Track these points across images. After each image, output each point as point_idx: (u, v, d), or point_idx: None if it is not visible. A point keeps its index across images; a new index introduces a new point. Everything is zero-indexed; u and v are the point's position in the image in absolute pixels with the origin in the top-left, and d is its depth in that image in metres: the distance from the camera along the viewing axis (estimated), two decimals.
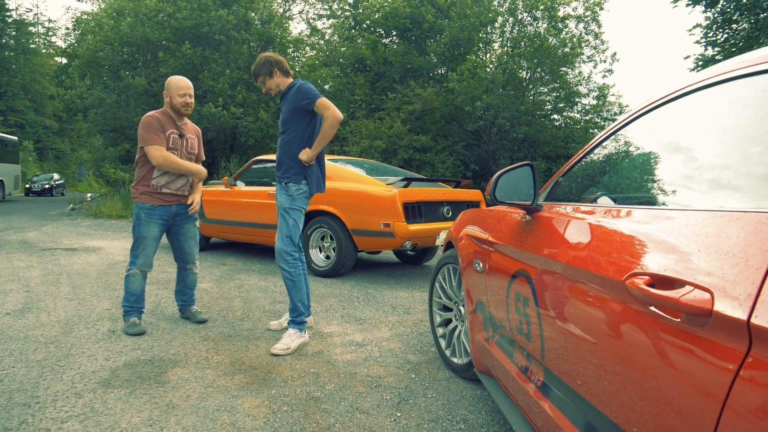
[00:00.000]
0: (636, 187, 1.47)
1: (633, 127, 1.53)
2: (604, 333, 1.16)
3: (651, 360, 0.98)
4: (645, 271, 1.03)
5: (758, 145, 1.00)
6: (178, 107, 3.34)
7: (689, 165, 1.23)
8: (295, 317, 3.14)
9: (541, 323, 1.52)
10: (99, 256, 6.54)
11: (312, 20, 20.57)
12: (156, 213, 3.35)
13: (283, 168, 3.17)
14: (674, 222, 1.07)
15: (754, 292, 0.78)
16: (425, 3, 16.02)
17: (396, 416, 2.26)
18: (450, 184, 5.99)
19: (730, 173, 1.06)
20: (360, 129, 14.40)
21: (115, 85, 15.83)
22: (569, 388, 1.34)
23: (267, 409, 2.29)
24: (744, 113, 1.08)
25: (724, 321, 0.81)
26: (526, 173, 1.73)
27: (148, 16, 15.48)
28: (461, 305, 2.80)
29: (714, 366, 0.83)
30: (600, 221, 1.35)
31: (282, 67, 3.22)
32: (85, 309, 3.87)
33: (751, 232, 0.86)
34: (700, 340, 0.87)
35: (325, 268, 5.31)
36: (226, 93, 15.26)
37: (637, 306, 1.03)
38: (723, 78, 1.17)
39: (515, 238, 1.83)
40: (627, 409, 1.06)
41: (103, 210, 13.37)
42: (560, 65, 15.88)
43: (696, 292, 0.88)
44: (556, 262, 1.42)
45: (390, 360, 2.96)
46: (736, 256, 0.85)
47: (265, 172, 6.38)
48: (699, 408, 0.85)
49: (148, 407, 2.27)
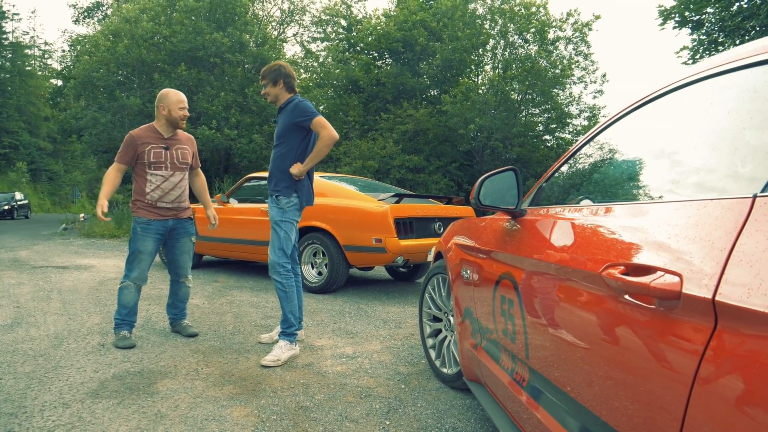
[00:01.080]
0: (615, 188, 1.51)
1: (610, 131, 1.58)
2: (584, 327, 1.19)
3: (629, 348, 1.01)
4: (619, 262, 1.06)
5: (724, 140, 1.04)
6: (177, 120, 3.39)
7: (662, 163, 1.27)
8: (286, 329, 3.14)
9: (525, 324, 1.55)
10: (91, 273, 6.52)
11: (306, 43, 20.85)
12: (152, 227, 3.37)
13: (274, 181, 3.21)
14: (647, 214, 1.11)
15: (718, 272, 0.81)
16: (417, 26, 16.28)
17: (385, 425, 2.26)
18: (442, 200, 6.03)
19: (700, 168, 1.10)
20: (353, 149, 14.50)
21: (110, 105, 15.92)
22: (553, 385, 1.36)
23: (256, 418, 2.29)
24: (712, 111, 1.12)
25: (692, 301, 0.84)
26: (509, 178, 1.77)
27: (144, 38, 15.65)
28: (450, 315, 2.81)
29: (684, 345, 0.85)
30: (579, 220, 1.39)
31: (288, 82, 3.26)
32: (75, 323, 3.85)
33: (718, 217, 0.89)
34: (671, 323, 0.89)
35: (317, 284, 5.31)
36: (220, 115, 15.36)
37: (614, 296, 1.06)
38: (692, 80, 1.23)
39: (500, 243, 1.86)
40: (607, 399, 1.09)
41: (96, 230, 13.32)
42: (551, 86, 16.13)
43: (666, 277, 0.91)
44: (538, 261, 1.45)
45: (380, 371, 2.96)
46: (703, 240, 0.89)
47: (258, 189, 6.41)
48: (672, 387, 0.87)
49: (137, 417, 2.26)
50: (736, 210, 0.86)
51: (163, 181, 3.36)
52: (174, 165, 3.41)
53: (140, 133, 3.38)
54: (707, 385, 0.79)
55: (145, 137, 3.36)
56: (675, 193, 1.14)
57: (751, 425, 0.70)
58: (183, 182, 3.46)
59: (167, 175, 3.37)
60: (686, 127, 1.22)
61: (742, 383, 0.73)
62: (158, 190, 3.35)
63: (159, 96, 3.43)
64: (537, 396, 1.48)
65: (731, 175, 0.97)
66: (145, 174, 3.34)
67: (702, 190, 1.04)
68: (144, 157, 3.32)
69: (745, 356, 0.74)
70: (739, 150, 0.99)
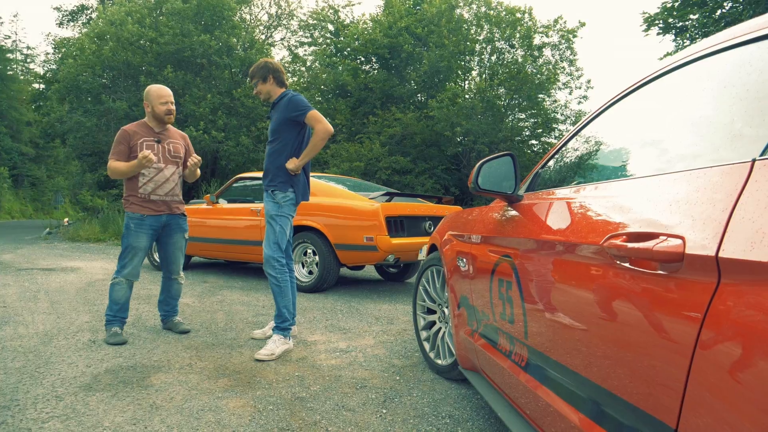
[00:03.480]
0: (612, 168, 1.54)
1: (605, 116, 1.62)
2: (587, 300, 1.22)
3: (633, 315, 1.04)
4: (621, 232, 1.09)
5: (719, 113, 1.08)
6: (161, 115, 3.38)
7: (659, 140, 1.31)
8: (281, 323, 3.14)
9: (524, 305, 1.57)
10: (77, 275, 6.45)
11: (294, 47, 20.84)
12: (146, 223, 3.36)
13: (270, 176, 3.21)
14: (647, 187, 1.14)
15: (720, 231, 0.84)
16: (402, 33, 16.36)
17: (382, 413, 2.27)
18: (432, 200, 6.06)
19: (698, 141, 1.14)
20: (341, 152, 14.53)
21: (95, 109, 15.77)
22: (553, 362, 1.39)
23: (252, 408, 2.28)
24: (706, 88, 1.17)
25: (695, 260, 0.87)
26: (507, 163, 1.80)
27: (129, 41, 15.54)
28: (445, 307, 2.83)
29: (688, 305, 0.88)
30: (578, 199, 1.42)
31: (278, 77, 3.27)
32: (65, 322, 3.82)
33: (718, 182, 0.92)
34: (675, 285, 0.92)
35: (308, 283, 5.30)
36: (207, 117, 15.29)
37: (616, 267, 1.09)
38: (684, 62, 1.29)
39: (497, 228, 1.89)
40: (611, 369, 1.11)
41: (80, 234, 13.16)
42: (537, 92, 16.28)
43: (669, 241, 0.94)
44: (537, 240, 1.48)
45: (375, 364, 2.97)
46: (704, 204, 0.92)
47: (248, 189, 6.39)
48: (676, 347, 0.90)
49: (132, 408, 2.25)
50: (736, 174, 0.89)
51: (155, 174, 3.35)
52: (166, 158, 3.40)
53: (132, 128, 3.38)
54: (711, 342, 0.82)
55: (137, 131, 3.36)
56: (674, 167, 1.17)
57: (754, 374, 0.73)
58: (175, 176, 3.46)
59: (160, 168, 3.36)
60: (681, 105, 1.27)
61: (745, 336, 0.76)
62: (151, 182, 3.35)
63: (144, 93, 3.45)
64: (537, 374, 1.50)
65: (729, 144, 1.01)
66: None
67: (701, 161, 1.07)
68: (136, 150, 3.31)
69: (748, 308, 0.76)
70: (736, 120, 1.02)
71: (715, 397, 0.81)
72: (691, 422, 0.87)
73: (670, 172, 1.11)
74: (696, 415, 0.85)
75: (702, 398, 0.84)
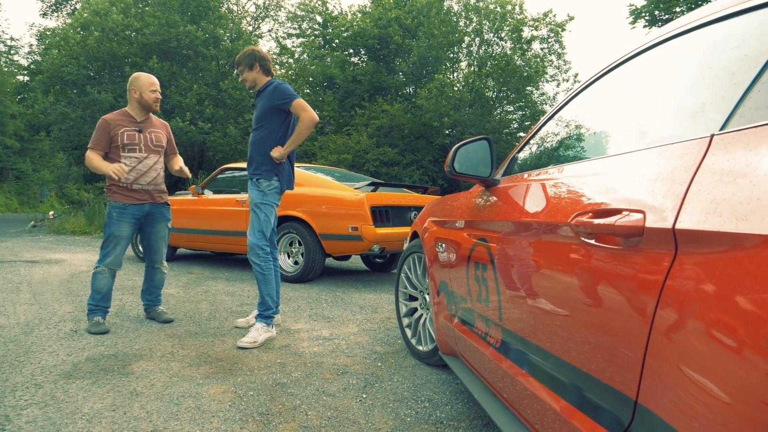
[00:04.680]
0: (584, 150, 1.56)
1: (576, 101, 1.63)
2: (556, 278, 1.23)
3: (599, 291, 1.05)
4: (587, 210, 1.10)
5: (681, 92, 1.10)
6: (149, 103, 3.37)
7: (625, 121, 1.33)
8: (264, 311, 3.15)
9: (498, 286, 1.58)
10: (61, 267, 6.40)
11: (281, 39, 20.72)
12: (128, 212, 3.34)
13: (255, 164, 3.20)
14: (614, 165, 1.16)
15: (678, 204, 0.86)
16: (392, 24, 16.32)
17: (362, 398, 2.28)
18: (417, 190, 6.08)
19: (661, 120, 1.15)
20: (328, 144, 14.50)
21: (80, 100, 15.59)
22: (524, 340, 1.40)
23: (233, 394, 2.29)
24: (668, 69, 1.19)
25: (654, 234, 0.88)
26: (483, 147, 1.80)
27: (114, 32, 15.36)
28: (426, 293, 2.85)
29: (648, 277, 0.90)
30: (550, 181, 1.43)
31: (264, 65, 3.26)
32: (47, 312, 3.79)
33: (679, 157, 0.94)
34: (636, 259, 0.94)
35: (294, 274, 5.30)
36: (194, 108, 15.18)
37: (583, 244, 1.10)
38: (641, 50, 1.32)
39: (475, 213, 1.90)
40: (576, 344, 1.13)
41: (66, 226, 13.04)
42: (525, 85, 16.33)
43: (631, 216, 0.95)
44: (511, 222, 1.49)
45: (357, 351, 2.98)
46: (665, 179, 0.93)
47: (233, 180, 6.37)
48: (636, 318, 0.92)
49: (111, 395, 2.25)
50: (696, 148, 0.91)
51: (137, 163, 3.33)
52: (148, 147, 3.38)
53: (113, 117, 3.35)
54: (667, 313, 0.84)
55: (118, 120, 3.33)
56: (640, 145, 1.18)
57: (706, 343, 0.75)
58: (158, 165, 3.44)
59: (141, 157, 3.34)
60: (647, 87, 1.29)
61: (698, 305, 0.77)
62: (133, 171, 3.32)
63: (130, 80, 3.41)
64: (510, 355, 1.52)
65: (692, 121, 1.02)
66: (119, 158, 3.31)
67: (665, 138, 1.09)
68: (117, 139, 3.28)
69: (702, 278, 0.78)
70: (698, 97, 1.04)
71: (670, 366, 0.82)
72: (649, 393, 0.89)
73: (636, 150, 1.12)
74: (653, 384, 0.87)
75: (659, 368, 0.85)
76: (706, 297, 0.76)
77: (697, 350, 0.77)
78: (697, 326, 0.77)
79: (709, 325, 0.75)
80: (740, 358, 0.68)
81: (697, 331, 0.77)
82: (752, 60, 0.91)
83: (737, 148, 0.82)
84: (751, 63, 0.91)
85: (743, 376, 0.68)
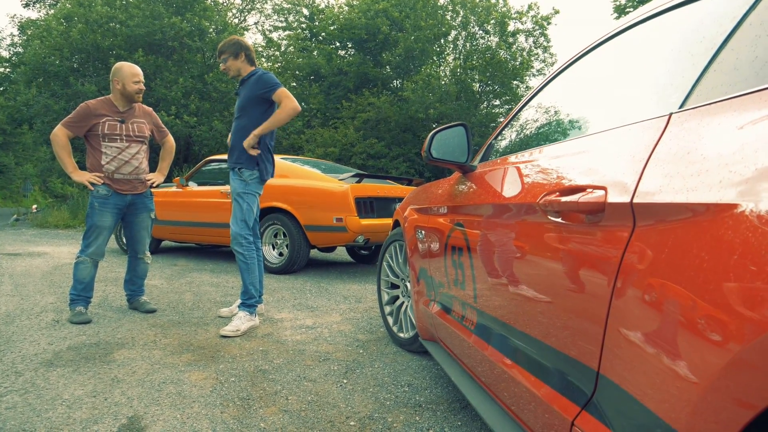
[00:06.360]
0: (556, 134, 1.59)
1: (549, 87, 1.67)
2: (526, 258, 1.26)
3: (564, 268, 1.08)
4: (554, 190, 1.13)
5: (642, 75, 1.13)
6: (132, 94, 3.34)
7: (594, 104, 1.36)
8: (246, 300, 3.16)
9: (473, 269, 1.61)
10: (44, 259, 6.35)
11: (268, 32, 20.59)
12: (110, 202, 3.33)
13: (236, 154, 3.19)
14: (581, 147, 1.19)
15: (636, 179, 0.89)
16: (380, 15, 16.30)
17: (342, 383, 2.31)
18: (402, 182, 6.10)
19: (624, 101, 1.18)
20: (315, 137, 14.47)
21: (63, 92, 15.39)
22: (498, 321, 1.44)
23: (214, 380, 2.30)
24: (630, 54, 1.22)
25: (614, 209, 0.91)
26: (460, 133, 1.83)
27: (98, 23, 15.16)
28: (407, 281, 2.88)
29: (608, 252, 0.93)
30: (522, 164, 1.46)
31: (249, 54, 3.25)
32: (28, 303, 3.77)
33: (639, 135, 0.97)
34: (598, 234, 0.97)
35: (278, 265, 5.31)
36: (179, 102, 15.04)
37: (549, 222, 1.13)
38: (609, 36, 1.35)
39: (451, 198, 1.93)
40: (545, 323, 1.16)
41: (49, 220, 12.91)
42: (511, 78, 16.38)
43: (594, 192, 0.98)
44: (485, 205, 1.52)
45: (339, 339, 3.00)
46: (625, 156, 0.96)
47: (218, 172, 6.34)
48: (598, 294, 0.95)
49: (92, 382, 2.26)
50: (655, 126, 0.94)
51: (118, 153, 3.32)
52: (129, 137, 3.36)
53: (96, 105, 3.32)
54: (624, 285, 0.87)
55: (100, 109, 3.30)
56: (606, 126, 1.22)
57: (661, 313, 0.78)
58: (140, 155, 3.42)
59: (123, 147, 3.33)
60: (614, 71, 1.34)
61: (652, 276, 0.80)
62: (114, 161, 3.31)
63: (113, 70, 3.38)
64: (485, 336, 1.55)
65: (654, 100, 1.05)
66: (99, 146, 3.29)
67: (629, 118, 1.12)
68: (98, 128, 3.26)
69: (657, 249, 0.81)
70: (660, 78, 1.07)
71: (629, 337, 0.85)
72: (609, 364, 0.92)
73: (602, 130, 1.15)
74: (613, 355, 0.90)
75: (618, 340, 0.89)
76: (660, 268, 0.79)
77: (654, 320, 0.80)
78: (652, 297, 0.80)
79: (663, 295, 0.78)
80: (694, 324, 0.71)
81: (653, 302, 0.80)
82: (708, 42, 0.94)
83: (692, 125, 0.85)
84: (708, 45, 0.94)
85: (697, 343, 0.71)
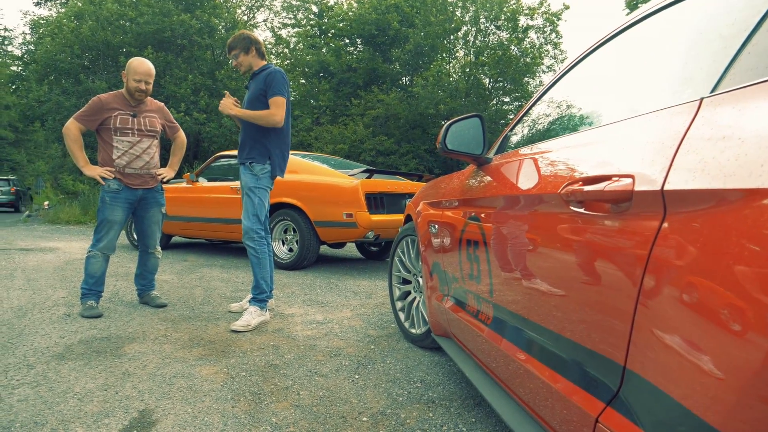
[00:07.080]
0: (574, 123, 1.55)
1: (567, 77, 1.63)
2: (547, 250, 1.23)
3: (589, 259, 1.05)
4: (577, 179, 1.10)
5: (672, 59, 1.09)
6: (131, 91, 3.32)
7: (617, 92, 1.32)
8: (258, 294, 3.14)
9: (489, 262, 1.58)
10: (56, 254, 6.38)
11: (277, 29, 20.60)
12: (121, 196, 3.32)
13: (247, 149, 3.17)
14: (604, 136, 1.15)
15: (667, 165, 0.85)
16: (391, 10, 16.25)
17: (354, 378, 2.28)
18: (412, 177, 6.07)
19: (652, 87, 1.15)
20: (324, 135, 14.45)
21: (74, 89, 15.48)
22: (516, 315, 1.40)
23: (225, 375, 2.29)
24: (657, 40, 1.18)
25: (643, 197, 0.88)
26: (475, 124, 1.79)
27: (109, 20, 15.23)
28: (419, 276, 2.85)
29: (637, 240, 0.89)
30: (541, 155, 1.43)
31: (259, 48, 3.22)
32: (40, 297, 3.78)
33: (668, 121, 0.93)
34: (625, 223, 0.93)
35: (288, 261, 5.30)
36: (189, 98, 15.08)
37: (573, 212, 1.10)
38: (634, 21, 1.32)
39: (466, 191, 1.90)
40: (566, 315, 1.12)
41: (61, 216, 13.01)
42: (522, 75, 16.29)
43: (620, 181, 0.95)
44: (502, 197, 1.49)
45: (350, 335, 2.98)
46: (654, 143, 0.93)
47: (227, 168, 6.34)
48: (625, 286, 0.91)
49: (104, 375, 2.25)
50: (686, 112, 0.90)
51: (130, 147, 3.31)
52: (141, 132, 3.35)
53: (108, 99, 3.31)
54: (654, 277, 0.83)
55: (113, 103, 3.29)
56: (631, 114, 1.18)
57: (693, 306, 0.74)
58: (151, 149, 3.41)
59: (134, 141, 3.32)
60: (638, 58, 1.29)
61: (685, 267, 0.77)
62: (126, 155, 3.30)
63: (127, 64, 3.37)
64: (501, 331, 1.52)
65: (682, 86, 1.01)
66: (111, 140, 3.28)
67: (656, 105, 1.08)
68: (110, 122, 3.26)
69: (690, 239, 0.78)
70: (689, 64, 1.03)
71: (658, 330, 0.82)
72: (637, 357, 0.89)
73: (627, 118, 1.12)
74: (641, 349, 0.87)
75: (647, 332, 0.85)
76: (694, 258, 0.76)
77: (687, 313, 0.76)
78: (683, 288, 0.77)
79: (697, 287, 0.74)
80: (732, 318, 0.68)
81: (686, 294, 0.77)
82: (741, 23, 0.91)
83: (726, 109, 0.81)
84: (741, 26, 0.90)
85: (729, 336, 0.67)
